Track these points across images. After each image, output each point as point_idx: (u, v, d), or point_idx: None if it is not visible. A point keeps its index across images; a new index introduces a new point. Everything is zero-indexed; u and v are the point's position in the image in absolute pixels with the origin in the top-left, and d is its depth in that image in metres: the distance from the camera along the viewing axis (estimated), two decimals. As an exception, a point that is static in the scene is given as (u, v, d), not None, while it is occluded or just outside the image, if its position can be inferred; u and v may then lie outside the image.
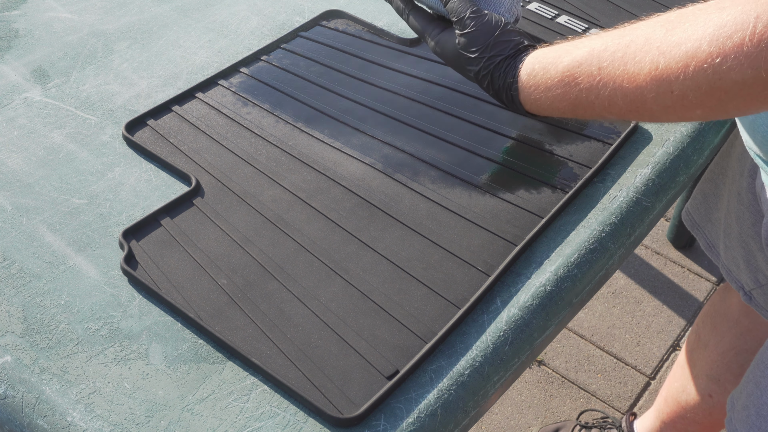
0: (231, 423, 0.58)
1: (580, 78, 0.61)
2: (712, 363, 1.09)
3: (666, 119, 0.58)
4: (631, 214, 0.76)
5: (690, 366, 1.14)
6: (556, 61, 0.64)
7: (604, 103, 0.60)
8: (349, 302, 0.66)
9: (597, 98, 0.61)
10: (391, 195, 0.75)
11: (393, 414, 0.59)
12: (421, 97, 0.86)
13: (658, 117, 0.58)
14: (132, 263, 0.67)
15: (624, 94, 0.58)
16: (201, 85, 0.86)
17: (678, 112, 0.56)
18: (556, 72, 0.64)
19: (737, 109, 0.53)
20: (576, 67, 0.62)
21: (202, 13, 0.98)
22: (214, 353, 0.62)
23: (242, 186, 0.75)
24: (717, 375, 1.08)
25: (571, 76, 0.62)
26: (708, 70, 0.51)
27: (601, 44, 0.60)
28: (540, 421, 1.50)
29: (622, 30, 0.60)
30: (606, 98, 0.60)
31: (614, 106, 0.60)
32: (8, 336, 0.63)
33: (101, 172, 0.76)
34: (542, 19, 0.98)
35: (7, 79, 0.86)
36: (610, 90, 0.59)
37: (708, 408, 1.12)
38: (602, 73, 0.59)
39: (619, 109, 0.60)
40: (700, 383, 1.11)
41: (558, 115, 0.67)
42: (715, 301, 1.11)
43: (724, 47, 0.50)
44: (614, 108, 0.60)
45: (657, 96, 0.55)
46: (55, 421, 0.58)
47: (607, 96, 0.60)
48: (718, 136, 0.87)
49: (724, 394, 1.08)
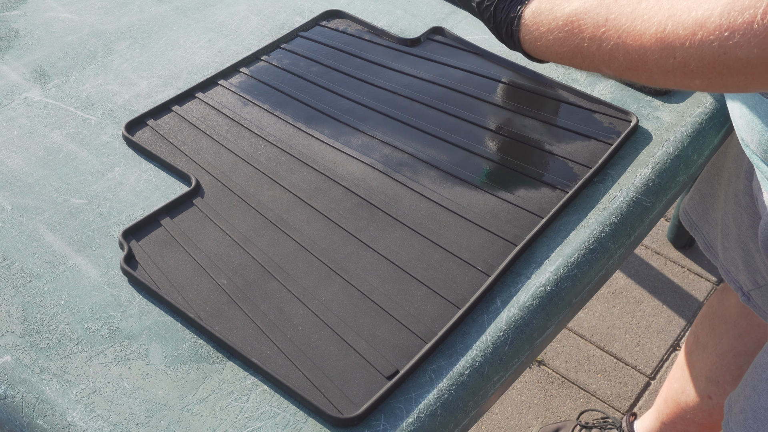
0: (231, 423, 0.58)
1: (585, 26, 0.60)
2: (710, 365, 1.08)
3: (663, 83, 0.57)
4: (631, 214, 0.76)
5: (689, 367, 1.14)
6: (563, 3, 0.62)
7: (604, 57, 0.59)
8: (349, 302, 0.66)
9: (598, 50, 0.59)
10: (391, 195, 0.75)
11: (393, 414, 0.59)
12: (420, 97, 0.86)
13: (656, 80, 0.57)
14: (132, 263, 0.67)
15: (626, 51, 0.57)
16: (201, 85, 0.86)
17: (677, 78, 0.55)
18: (561, 14, 0.62)
19: (737, 86, 0.53)
20: (583, 13, 0.60)
21: (202, 13, 0.98)
22: (214, 353, 0.62)
23: (242, 186, 0.75)
24: (716, 377, 1.08)
25: (576, 23, 0.60)
26: (714, 43, 0.50)
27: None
28: (540, 421, 1.50)
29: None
30: (607, 52, 0.58)
31: (614, 62, 0.59)
32: (8, 336, 0.63)
33: (101, 172, 0.76)
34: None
35: (7, 79, 0.86)
36: (613, 44, 0.58)
37: (707, 409, 1.12)
38: (608, 25, 0.58)
39: (618, 65, 0.59)
40: (700, 385, 1.11)
41: (554, 61, 0.65)
42: (714, 302, 1.11)
43: (734, 22, 0.49)
44: (613, 63, 0.59)
45: (659, 59, 0.54)
46: (54, 421, 0.58)
47: (608, 50, 0.58)
48: (718, 136, 0.87)
49: (723, 396, 1.08)
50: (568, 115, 0.85)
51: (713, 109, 0.88)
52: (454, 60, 0.91)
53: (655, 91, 0.88)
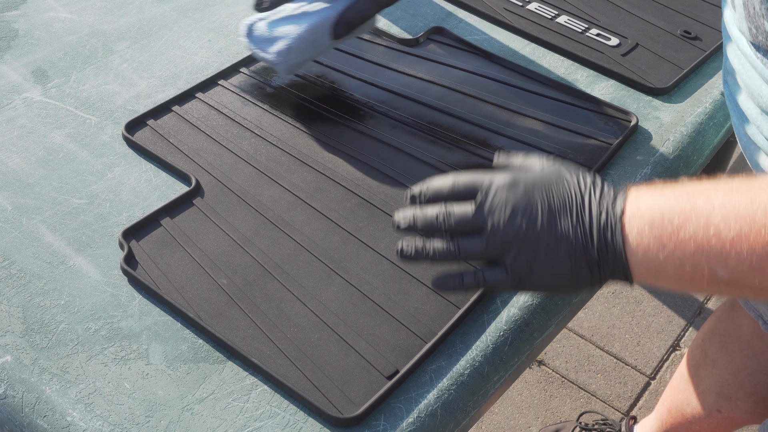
0: (231, 423, 0.58)
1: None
2: (722, 381, 1.07)
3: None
4: (631, 214, 0.76)
5: (695, 381, 1.12)
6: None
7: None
8: (349, 302, 0.66)
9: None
10: (391, 195, 0.75)
11: (393, 414, 0.59)
12: (420, 96, 0.86)
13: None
14: (132, 263, 0.67)
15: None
16: (201, 85, 0.86)
17: None
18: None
19: None
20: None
21: (202, 13, 0.98)
22: (213, 353, 0.62)
23: (242, 186, 0.75)
24: (728, 393, 1.06)
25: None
26: None
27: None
28: (540, 421, 1.50)
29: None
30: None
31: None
32: (8, 336, 0.63)
33: (101, 172, 0.76)
34: (542, 19, 0.98)
35: (7, 79, 0.86)
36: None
37: (715, 422, 1.11)
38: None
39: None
40: (708, 399, 1.10)
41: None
42: (723, 318, 1.08)
43: None
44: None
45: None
46: (55, 421, 0.58)
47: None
48: (718, 136, 0.87)
49: (734, 410, 1.07)
50: (569, 115, 0.85)
51: (713, 109, 0.88)
52: (454, 60, 0.91)
53: (656, 90, 0.88)
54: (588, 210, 0.54)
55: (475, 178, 0.59)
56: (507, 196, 0.56)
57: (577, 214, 0.55)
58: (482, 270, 0.58)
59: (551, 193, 0.56)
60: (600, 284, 0.56)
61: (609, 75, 0.91)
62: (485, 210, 0.57)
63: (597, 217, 0.54)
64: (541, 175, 0.58)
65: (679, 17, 1.00)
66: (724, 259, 0.49)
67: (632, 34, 0.96)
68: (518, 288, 0.58)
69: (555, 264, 0.55)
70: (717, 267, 0.50)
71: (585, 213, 0.54)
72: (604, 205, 0.54)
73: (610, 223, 0.53)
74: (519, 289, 0.58)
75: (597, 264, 0.54)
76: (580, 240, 0.54)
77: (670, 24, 0.98)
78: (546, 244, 0.55)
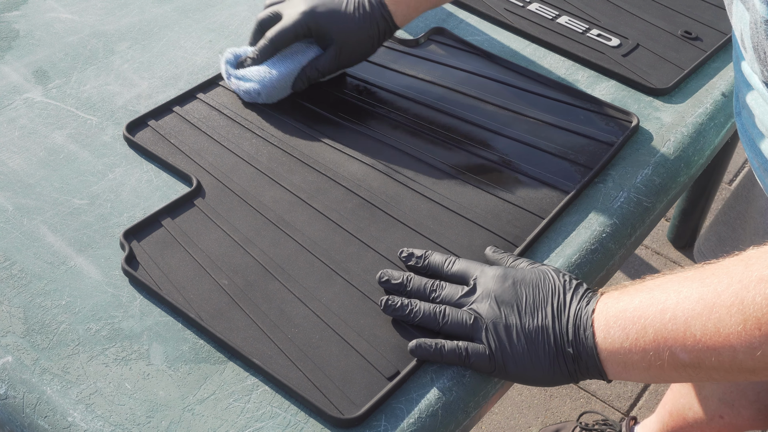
0: (232, 423, 0.58)
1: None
2: (725, 387, 1.07)
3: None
4: (631, 215, 0.76)
5: (697, 386, 1.12)
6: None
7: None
8: (350, 303, 0.66)
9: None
10: (392, 195, 0.75)
11: (394, 414, 0.59)
12: (421, 97, 0.86)
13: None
14: (133, 263, 0.67)
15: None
16: (202, 85, 0.86)
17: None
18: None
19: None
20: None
21: (203, 13, 0.98)
22: (215, 354, 0.62)
23: (243, 186, 0.75)
24: (731, 400, 1.06)
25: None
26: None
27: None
28: (540, 421, 1.50)
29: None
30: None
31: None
32: (9, 336, 0.63)
33: (102, 172, 0.76)
34: (543, 19, 0.98)
35: (7, 80, 0.86)
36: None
37: (717, 428, 1.11)
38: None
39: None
40: (710, 404, 1.10)
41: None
42: None
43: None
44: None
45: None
46: (56, 421, 0.58)
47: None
48: (719, 136, 0.87)
49: (737, 417, 1.07)
50: (569, 115, 0.85)
51: (714, 109, 0.88)
52: (455, 61, 0.91)
53: (656, 91, 0.88)
54: (567, 309, 0.60)
55: (469, 265, 0.65)
56: (496, 285, 0.62)
57: (558, 310, 0.60)
58: (466, 345, 0.61)
59: (537, 290, 0.61)
60: (576, 380, 0.60)
61: (610, 75, 0.91)
62: (476, 292, 0.63)
63: (573, 316, 0.59)
64: (530, 272, 0.63)
65: (679, 18, 1.00)
66: (682, 341, 0.53)
67: (633, 34, 0.96)
68: (498, 372, 0.61)
69: (534, 353, 0.59)
70: (677, 349, 0.53)
71: (564, 311, 0.60)
72: (581, 305, 0.60)
73: (583, 320, 0.58)
74: (498, 374, 0.61)
75: (572, 358, 0.59)
76: (557, 334, 0.59)
77: (671, 24, 0.98)
78: (526, 334, 0.60)
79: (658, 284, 0.57)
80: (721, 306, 0.51)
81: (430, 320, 0.62)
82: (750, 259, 0.51)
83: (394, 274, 0.66)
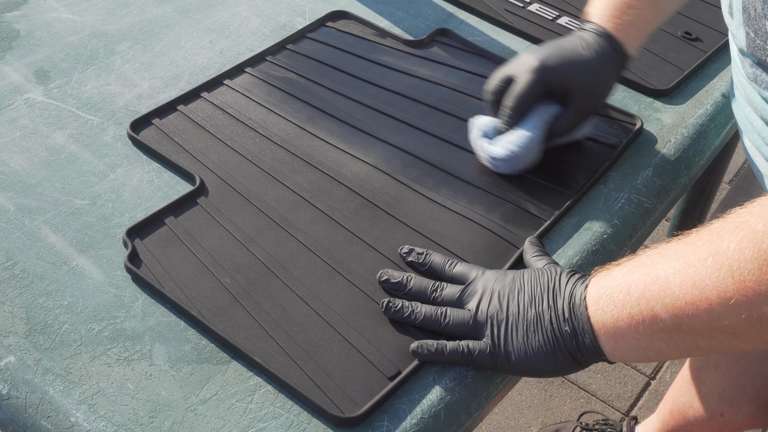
0: (234, 423, 0.58)
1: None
2: (724, 385, 1.07)
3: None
4: (632, 216, 0.76)
5: (697, 384, 1.12)
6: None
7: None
8: (352, 302, 0.66)
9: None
10: (395, 196, 0.75)
11: (396, 414, 0.59)
12: (425, 98, 0.86)
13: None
14: (136, 261, 0.67)
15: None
16: (206, 84, 0.86)
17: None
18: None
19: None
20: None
21: (204, 14, 0.98)
22: (217, 354, 0.62)
23: (246, 186, 0.75)
24: (731, 397, 1.06)
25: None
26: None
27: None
28: (540, 421, 1.51)
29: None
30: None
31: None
32: (11, 337, 0.63)
33: (103, 172, 0.76)
34: (543, 20, 0.98)
35: (8, 80, 0.86)
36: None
37: (718, 425, 1.11)
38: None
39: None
40: (710, 402, 1.10)
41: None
42: None
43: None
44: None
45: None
46: (58, 421, 0.58)
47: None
48: (720, 137, 0.87)
49: (737, 415, 1.07)
50: (570, 116, 0.84)
51: (714, 110, 0.88)
52: (458, 62, 0.91)
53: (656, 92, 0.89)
54: (563, 291, 0.61)
55: (470, 267, 0.66)
56: (496, 282, 0.63)
57: (554, 293, 0.61)
58: (467, 343, 0.61)
59: (535, 281, 0.62)
60: (579, 363, 0.60)
61: (610, 76, 0.91)
62: (477, 290, 0.63)
63: (569, 296, 0.60)
64: (531, 269, 0.64)
65: (679, 18, 1.00)
66: (662, 299, 0.53)
67: (633, 35, 0.96)
68: (501, 366, 0.61)
69: (534, 339, 0.60)
70: (658, 309, 0.53)
71: (560, 293, 0.61)
72: (576, 285, 0.60)
73: (577, 297, 0.59)
74: (501, 368, 0.61)
75: (570, 336, 0.59)
76: (554, 315, 0.60)
77: (671, 25, 0.98)
78: (526, 322, 0.60)
79: (647, 253, 0.57)
80: (697, 259, 0.51)
81: (432, 322, 0.63)
82: (729, 213, 0.51)
83: (394, 273, 0.66)
